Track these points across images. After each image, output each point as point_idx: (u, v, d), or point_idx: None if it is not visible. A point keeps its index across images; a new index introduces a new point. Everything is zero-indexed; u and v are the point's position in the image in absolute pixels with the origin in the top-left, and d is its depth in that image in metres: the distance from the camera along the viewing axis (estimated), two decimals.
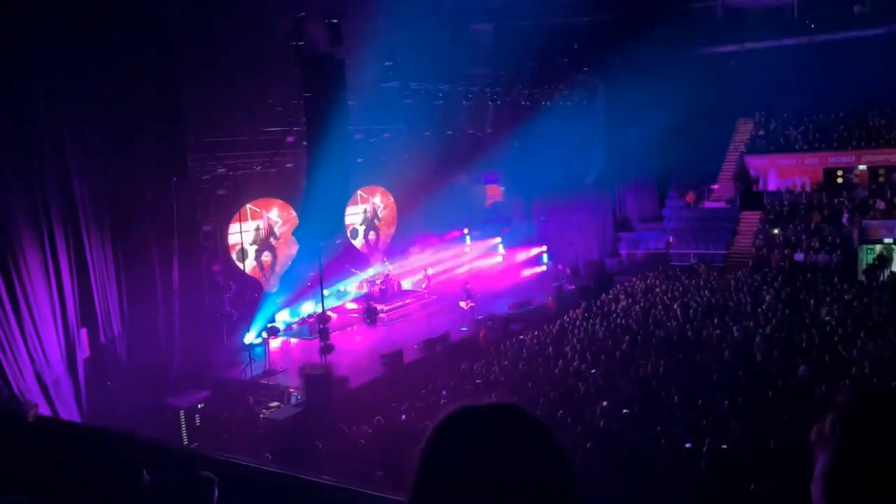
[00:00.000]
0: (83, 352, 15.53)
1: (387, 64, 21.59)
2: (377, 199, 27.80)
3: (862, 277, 25.24)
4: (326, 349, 17.98)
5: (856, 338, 16.54)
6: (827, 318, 18.84)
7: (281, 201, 22.76)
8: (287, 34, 17.35)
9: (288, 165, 22.13)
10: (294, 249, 22.62)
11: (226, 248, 21.02)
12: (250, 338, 20.10)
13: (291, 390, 16.98)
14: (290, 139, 20.78)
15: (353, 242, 26.63)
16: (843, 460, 1.28)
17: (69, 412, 14.59)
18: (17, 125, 13.99)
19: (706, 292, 23.54)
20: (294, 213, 22.48)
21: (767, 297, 21.79)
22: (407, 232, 28.83)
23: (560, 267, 30.89)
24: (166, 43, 15.83)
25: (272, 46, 18.27)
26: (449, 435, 1.31)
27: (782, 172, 34.40)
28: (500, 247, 31.55)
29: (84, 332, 15.65)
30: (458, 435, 1.30)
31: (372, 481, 9.91)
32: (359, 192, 26.36)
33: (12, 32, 13.43)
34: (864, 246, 26.41)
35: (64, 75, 14.59)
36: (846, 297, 21.33)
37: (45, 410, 13.41)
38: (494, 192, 34.24)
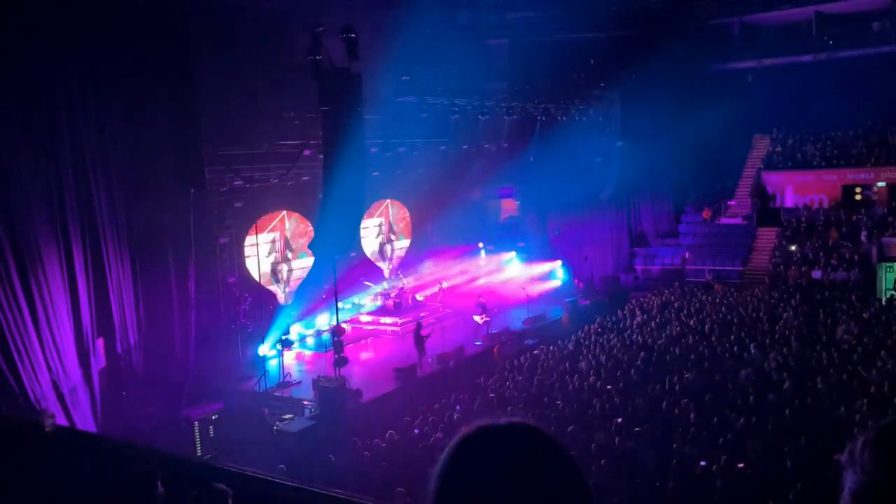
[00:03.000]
0: (99, 361, 15.64)
1: (403, 78, 21.74)
2: (393, 213, 27.87)
3: (881, 296, 24.95)
4: (340, 362, 18.00)
5: (875, 357, 16.34)
6: (845, 337, 18.62)
7: (297, 214, 22.87)
8: (305, 49, 17.52)
9: (304, 178, 22.26)
10: (310, 262, 22.70)
11: (242, 260, 21.14)
12: (265, 350, 20.16)
13: (305, 403, 17.00)
14: (306, 152, 20.92)
15: (368, 254, 26.68)
16: (871, 483, 1.29)
17: (85, 422, 14.69)
18: (38, 138, 14.19)
19: (723, 309, 23.37)
20: (310, 226, 22.58)
21: (785, 315, 21.60)
22: (422, 245, 28.88)
23: (575, 282, 30.79)
24: (185, 57, 16.04)
25: (290, 60, 18.47)
26: (467, 454, 1.32)
27: (800, 189, 34.18)
28: (515, 261, 31.50)
29: (100, 341, 15.78)
30: (476, 454, 1.31)
31: (392, 497, 9.89)
32: (374, 205, 26.44)
33: (34, 46, 13.66)
34: (884, 264, 26.13)
35: (83, 88, 14.80)
36: (865, 315, 21.10)
37: (61, 420, 13.51)
38: (509, 207, 34.25)
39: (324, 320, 22.94)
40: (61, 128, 14.55)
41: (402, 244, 28.27)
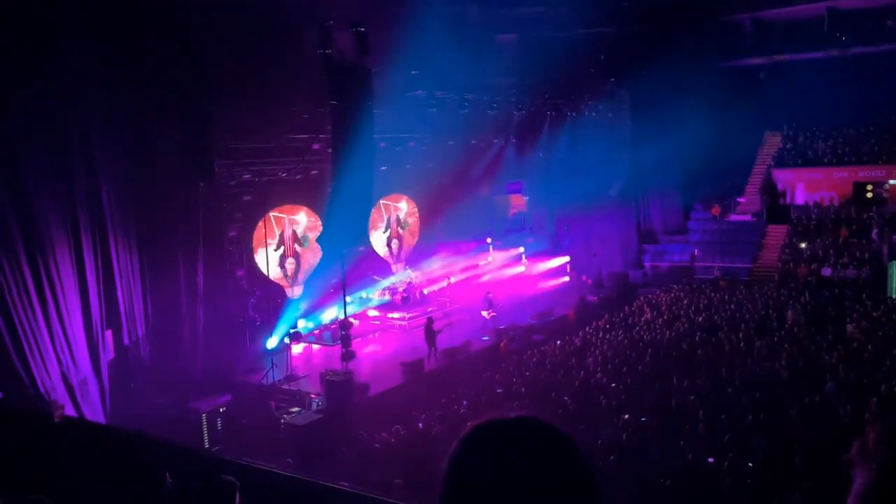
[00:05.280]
0: (108, 354, 15.73)
1: (413, 73, 21.68)
2: (401, 207, 27.88)
3: (892, 294, 24.79)
4: (348, 356, 18.04)
5: (885, 355, 16.25)
6: (855, 335, 18.52)
7: (306, 208, 22.90)
8: (314, 43, 17.51)
9: (313, 172, 22.29)
10: (318, 256, 22.74)
11: (250, 254, 21.19)
12: (273, 343, 20.22)
13: (312, 396, 17.04)
14: (315, 146, 20.93)
15: (376, 249, 26.70)
16: (884, 478, 1.29)
17: (94, 413, 14.78)
18: (49, 132, 14.26)
19: (731, 306, 23.29)
20: (319, 220, 22.62)
21: (790, 312, 21.48)
22: (430, 240, 28.87)
23: (583, 278, 30.74)
24: (194, 50, 16.05)
25: (299, 55, 18.45)
26: (476, 447, 1.32)
27: (810, 186, 34.02)
28: (523, 256, 31.47)
29: (109, 334, 15.87)
30: (485, 447, 1.32)
31: (391, 489, 9.92)
32: (383, 199, 26.44)
33: (42, 40, 13.70)
34: (894, 262, 25.97)
35: (93, 82, 14.84)
36: (874, 313, 20.97)
37: (70, 411, 13.59)
38: (518, 202, 34.20)
39: (331, 314, 22.98)
40: (71, 122, 14.62)
41: (409, 239, 28.28)
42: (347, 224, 19.29)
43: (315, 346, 21.98)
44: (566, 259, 31.80)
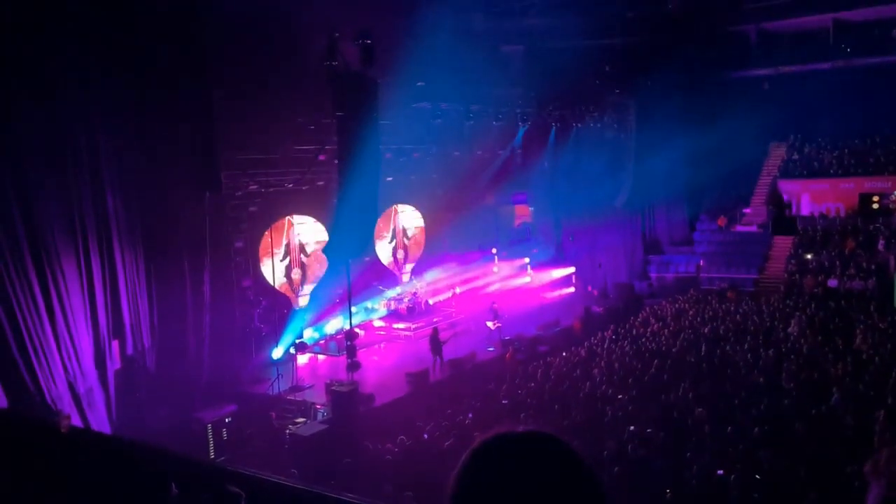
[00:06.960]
0: (114, 363, 15.75)
1: (418, 84, 21.77)
2: (406, 218, 27.91)
3: None
4: (353, 366, 18.03)
5: (892, 368, 16.16)
6: (863, 347, 18.44)
7: (312, 218, 22.96)
8: (321, 54, 17.62)
9: (319, 183, 22.35)
10: (324, 266, 22.77)
11: (256, 264, 21.24)
12: (278, 353, 20.22)
13: (318, 406, 17.03)
14: (321, 157, 21.01)
15: (382, 259, 26.73)
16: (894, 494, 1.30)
17: (100, 423, 14.79)
18: (56, 141, 14.34)
19: (737, 317, 23.22)
20: (325, 231, 22.66)
21: (792, 322, 21.41)
22: (435, 250, 28.88)
23: (589, 288, 30.69)
24: (201, 61, 16.16)
25: (306, 66, 18.57)
26: (485, 462, 1.33)
27: (816, 197, 33.95)
28: (528, 267, 31.45)
29: (115, 343, 15.90)
30: (493, 463, 1.32)
31: (400, 501, 9.90)
32: (388, 209, 26.49)
33: (49, 50, 13.81)
34: None
35: (100, 94, 14.94)
36: (881, 325, 20.87)
37: (76, 421, 13.62)
38: (523, 213, 34.20)
39: (337, 324, 22.99)
40: (78, 133, 14.70)
41: (415, 249, 28.30)
42: (353, 234, 19.34)
43: (320, 357, 21.97)
44: (571, 269, 31.76)
